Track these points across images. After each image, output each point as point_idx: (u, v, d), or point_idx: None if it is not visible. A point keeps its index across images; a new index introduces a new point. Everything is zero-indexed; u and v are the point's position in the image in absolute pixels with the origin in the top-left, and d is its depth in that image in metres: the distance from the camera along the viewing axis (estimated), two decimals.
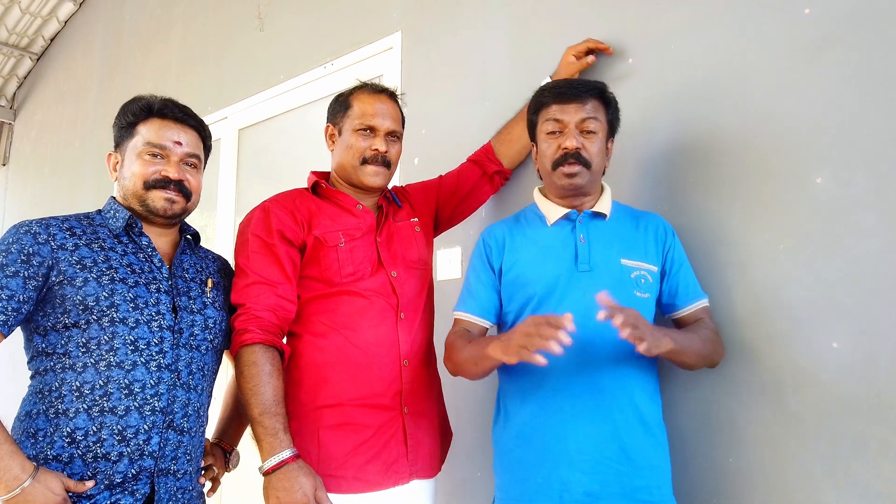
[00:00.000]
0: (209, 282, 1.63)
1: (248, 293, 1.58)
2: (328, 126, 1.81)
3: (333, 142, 1.79)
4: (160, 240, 1.59)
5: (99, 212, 1.58)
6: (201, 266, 1.65)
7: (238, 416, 1.76)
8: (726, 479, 1.61)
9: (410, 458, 1.63)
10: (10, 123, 5.73)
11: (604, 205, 1.61)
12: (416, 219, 1.84)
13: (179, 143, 1.57)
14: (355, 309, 1.64)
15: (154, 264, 1.53)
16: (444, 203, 1.96)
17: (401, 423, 1.63)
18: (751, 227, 1.64)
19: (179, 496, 1.47)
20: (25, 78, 5.58)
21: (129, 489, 1.39)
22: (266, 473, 1.46)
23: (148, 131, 1.55)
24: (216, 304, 1.61)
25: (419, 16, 2.54)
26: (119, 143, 1.59)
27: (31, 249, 1.40)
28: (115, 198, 1.58)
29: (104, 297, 1.42)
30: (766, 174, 1.63)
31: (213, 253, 1.77)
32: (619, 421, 1.46)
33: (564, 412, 1.47)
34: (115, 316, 1.42)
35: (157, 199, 1.53)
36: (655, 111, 1.85)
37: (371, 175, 1.70)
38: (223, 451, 1.72)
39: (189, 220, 1.67)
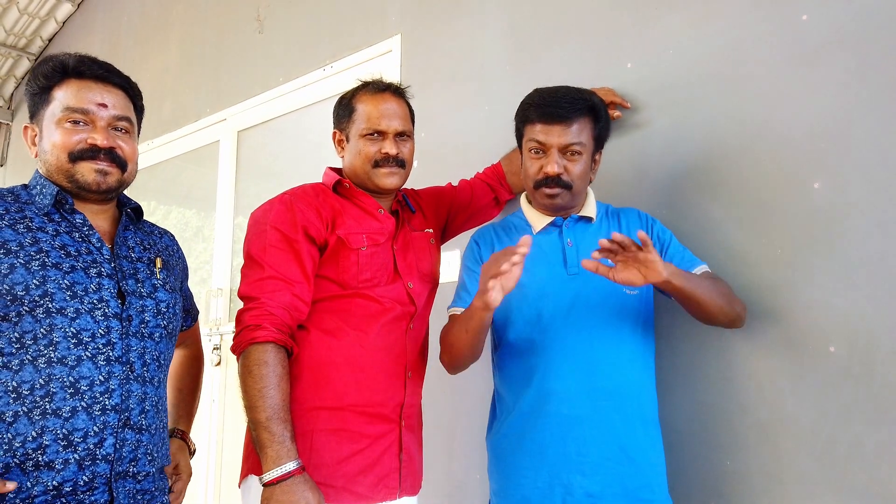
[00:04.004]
0: (158, 261, 1.45)
1: (263, 287, 1.48)
2: (335, 132, 1.73)
3: (343, 147, 1.71)
4: (97, 217, 1.39)
5: (25, 186, 1.37)
6: (148, 243, 1.47)
7: (185, 403, 1.64)
8: (725, 481, 1.62)
9: (403, 473, 1.58)
10: (7, 124, 5.72)
11: (589, 209, 1.62)
12: (430, 230, 1.78)
13: (104, 106, 1.35)
14: (370, 313, 1.57)
15: (92, 245, 1.34)
16: (454, 216, 1.91)
17: (397, 436, 1.58)
18: (748, 231, 1.64)
19: (141, 499, 1.33)
20: (23, 78, 5.57)
21: (86, 500, 1.23)
22: (267, 484, 1.35)
23: (66, 95, 1.34)
24: (167, 286, 1.44)
25: (418, 19, 2.54)
26: (34, 114, 1.38)
27: None
28: (40, 172, 1.38)
29: (35, 285, 1.23)
30: (763, 179, 1.64)
31: (159, 227, 1.59)
32: (617, 421, 1.47)
33: (562, 415, 1.47)
34: (50, 306, 1.24)
35: (87, 171, 1.33)
36: (653, 116, 1.85)
37: (385, 176, 1.62)
38: (187, 446, 1.59)
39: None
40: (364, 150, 1.63)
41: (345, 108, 1.69)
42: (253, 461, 1.49)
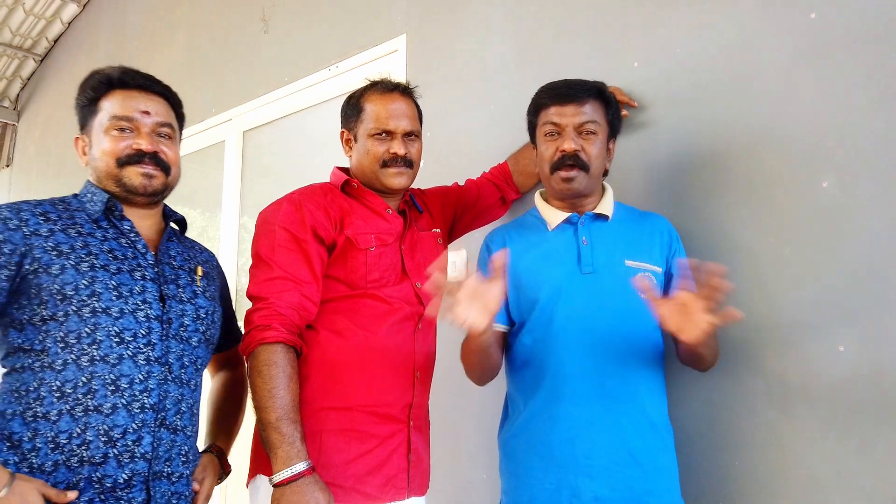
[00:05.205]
0: (199, 270, 1.52)
1: (272, 287, 1.49)
2: (343, 131, 1.73)
3: (350, 147, 1.71)
4: (143, 223, 1.47)
5: (76, 196, 1.46)
6: (189, 255, 1.54)
7: (225, 423, 1.63)
8: (732, 482, 1.61)
9: (411, 473, 1.59)
10: (13, 125, 5.74)
11: (606, 206, 1.60)
12: (437, 230, 1.78)
13: (147, 113, 1.44)
14: (378, 313, 1.58)
15: (138, 250, 1.41)
16: (461, 215, 1.91)
17: (406, 437, 1.59)
18: (756, 230, 1.64)
19: (175, 502, 1.36)
20: (29, 79, 5.59)
21: (123, 497, 1.28)
22: (278, 485, 1.36)
23: (111, 104, 1.43)
24: (207, 294, 1.50)
25: (424, 19, 2.54)
26: (84, 125, 1.49)
27: (1, 236, 1.29)
28: (91, 181, 1.47)
29: (84, 285, 1.30)
30: (771, 178, 1.63)
31: (200, 244, 1.66)
32: (626, 425, 1.46)
33: (572, 418, 1.47)
34: (96, 306, 1.30)
35: (134, 175, 1.41)
36: (660, 115, 1.85)
37: (393, 176, 1.63)
38: (219, 462, 1.55)
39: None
40: (372, 150, 1.63)
41: (353, 108, 1.69)
42: (262, 461, 1.49)
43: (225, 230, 3.38)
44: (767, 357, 1.59)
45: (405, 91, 1.70)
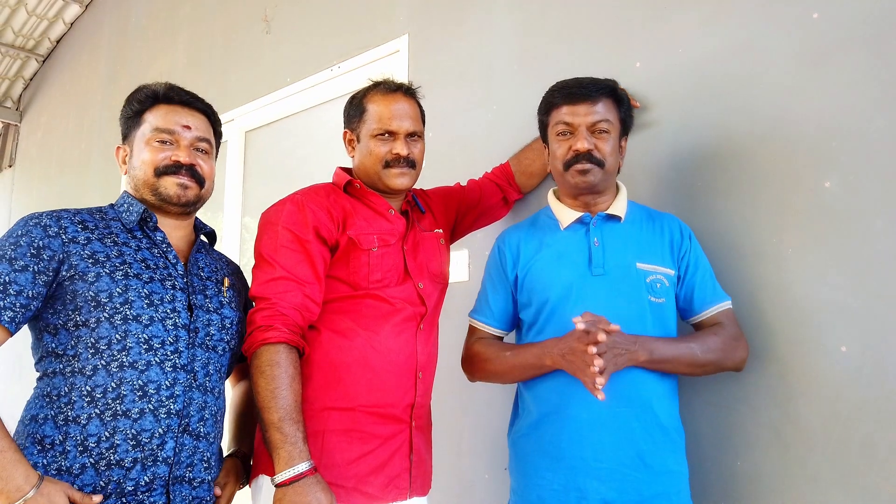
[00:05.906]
0: (225, 281, 1.56)
1: (275, 287, 1.49)
2: (345, 132, 1.73)
3: (353, 147, 1.72)
4: (175, 234, 1.53)
5: (112, 206, 1.52)
6: (216, 266, 1.58)
7: (248, 431, 1.64)
8: (736, 483, 1.61)
9: (413, 473, 1.59)
10: (16, 125, 5.75)
11: (619, 206, 1.60)
12: (440, 230, 1.78)
13: (188, 127, 1.50)
14: (381, 313, 1.58)
15: (169, 260, 1.46)
16: (463, 216, 1.91)
17: (408, 437, 1.59)
18: (759, 230, 1.64)
19: None
20: (31, 80, 5.60)
21: (146, 500, 1.31)
22: (280, 485, 1.36)
23: (155, 117, 1.49)
24: (232, 305, 1.54)
25: (426, 19, 2.54)
26: (126, 135, 1.54)
27: (41, 242, 1.33)
28: (128, 192, 1.52)
29: (118, 292, 1.35)
30: (774, 178, 1.63)
31: (226, 257, 1.70)
32: (636, 428, 1.46)
33: (581, 420, 1.47)
34: (128, 313, 1.35)
35: (170, 185, 1.47)
36: (662, 115, 1.85)
37: (396, 177, 1.63)
38: (242, 466, 1.57)
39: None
40: (375, 151, 1.64)
41: (356, 108, 1.70)
42: (264, 461, 1.50)
43: (227, 230, 3.39)
44: (770, 357, 1.59)
45: (408, 91, 1.70)
